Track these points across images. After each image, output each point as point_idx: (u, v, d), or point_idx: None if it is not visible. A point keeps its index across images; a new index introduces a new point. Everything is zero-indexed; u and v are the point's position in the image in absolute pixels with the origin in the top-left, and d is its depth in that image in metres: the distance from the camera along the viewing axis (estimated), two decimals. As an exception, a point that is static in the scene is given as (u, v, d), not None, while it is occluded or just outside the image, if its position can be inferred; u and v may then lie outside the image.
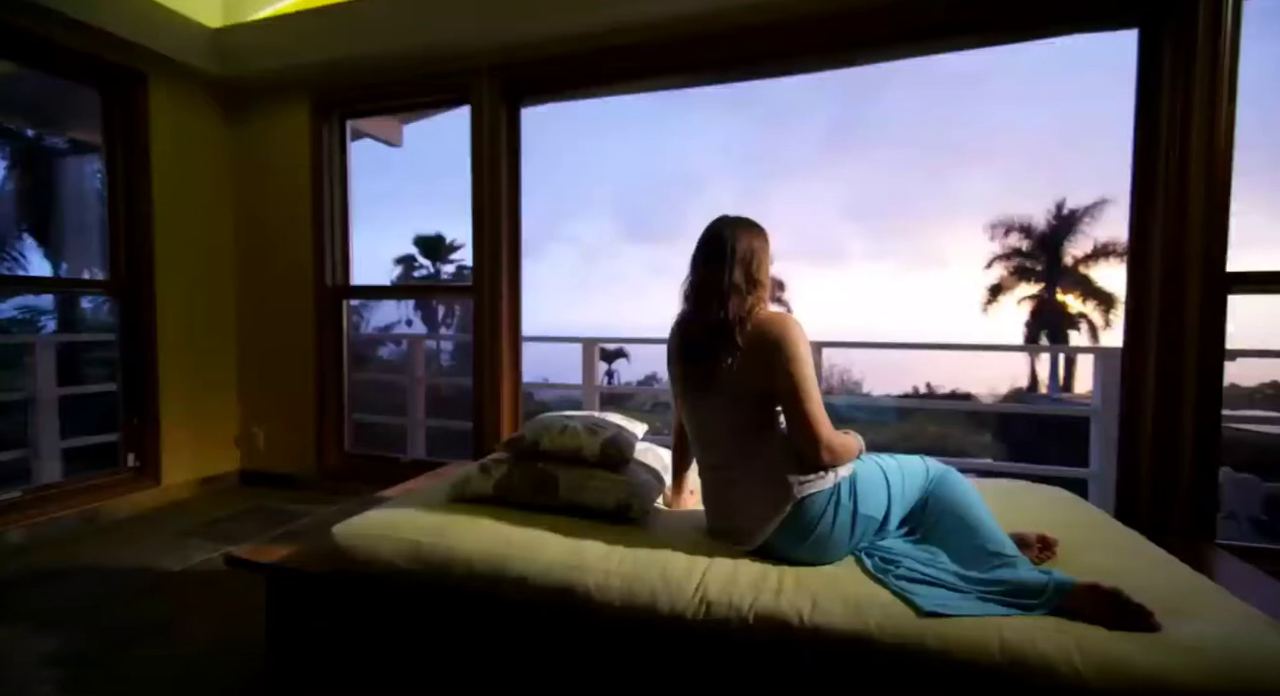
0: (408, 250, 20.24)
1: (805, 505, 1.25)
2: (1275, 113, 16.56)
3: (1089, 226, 18.95)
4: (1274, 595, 1.29)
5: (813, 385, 1.27)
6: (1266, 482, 2.60)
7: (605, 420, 1.74)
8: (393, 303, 19.25)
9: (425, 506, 1.51)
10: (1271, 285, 1.81)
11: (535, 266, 60.29)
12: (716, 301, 1.33)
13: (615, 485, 1.48)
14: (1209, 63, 1.74)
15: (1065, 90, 38.01)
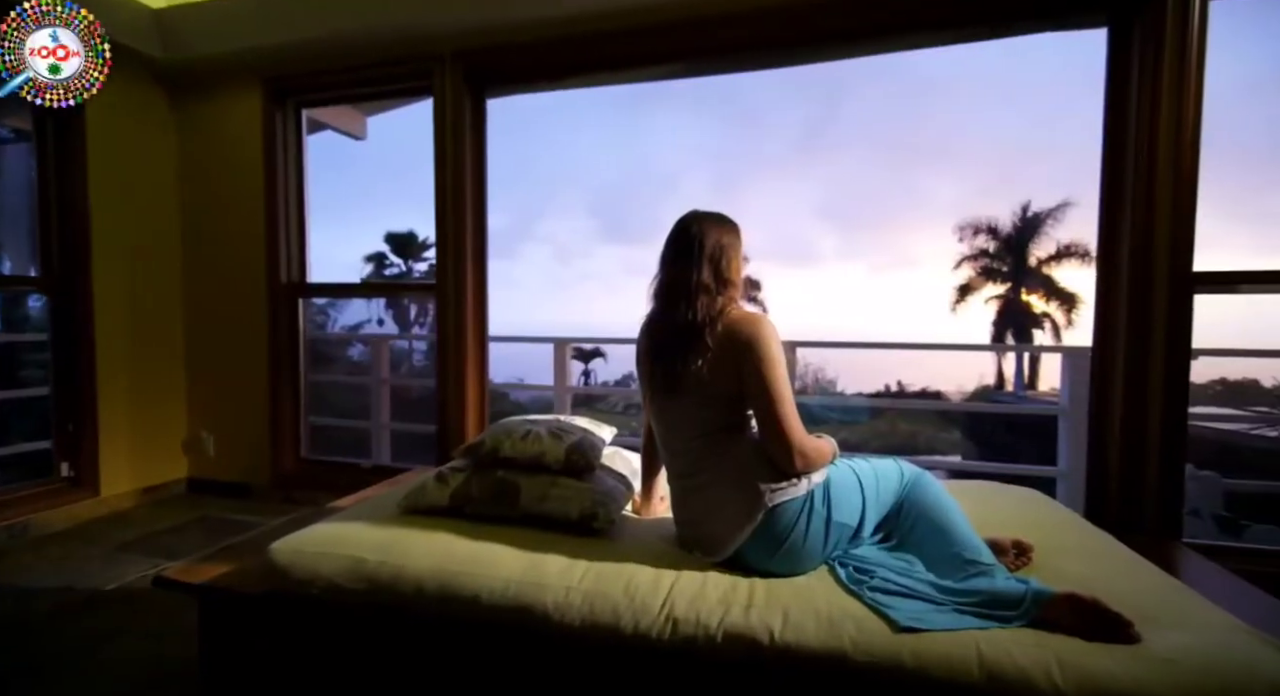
0: (380, 248, 19.81)
1: (777, 513, 1.19)
2: (1225, 118, 17.23)
3: (1052, 228, 19.53)
4: (1245, 597, 1.28)
5: (785, 388, 1.21)
6: (1226, 479, 2.65)
7: (571, 424, 1.66)
8: (362, 301, 18.79)
9: (375, 519, 1.41)
10: (1234, 285, 1.83)
11: (510, 266, 59.71)
12: (685, 301, 1.26)
13: (579, 493, 1.40)
14: (1176, 61, 1.74)
15: (1031, 95, 39.15)
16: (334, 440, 6.56)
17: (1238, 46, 7.79)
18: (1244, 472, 2.89)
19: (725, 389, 1.25)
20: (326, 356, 10.04)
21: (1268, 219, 25.41)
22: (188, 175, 2.97)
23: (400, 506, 1.46)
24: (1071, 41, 22.38)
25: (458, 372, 2.56)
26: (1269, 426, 3.86)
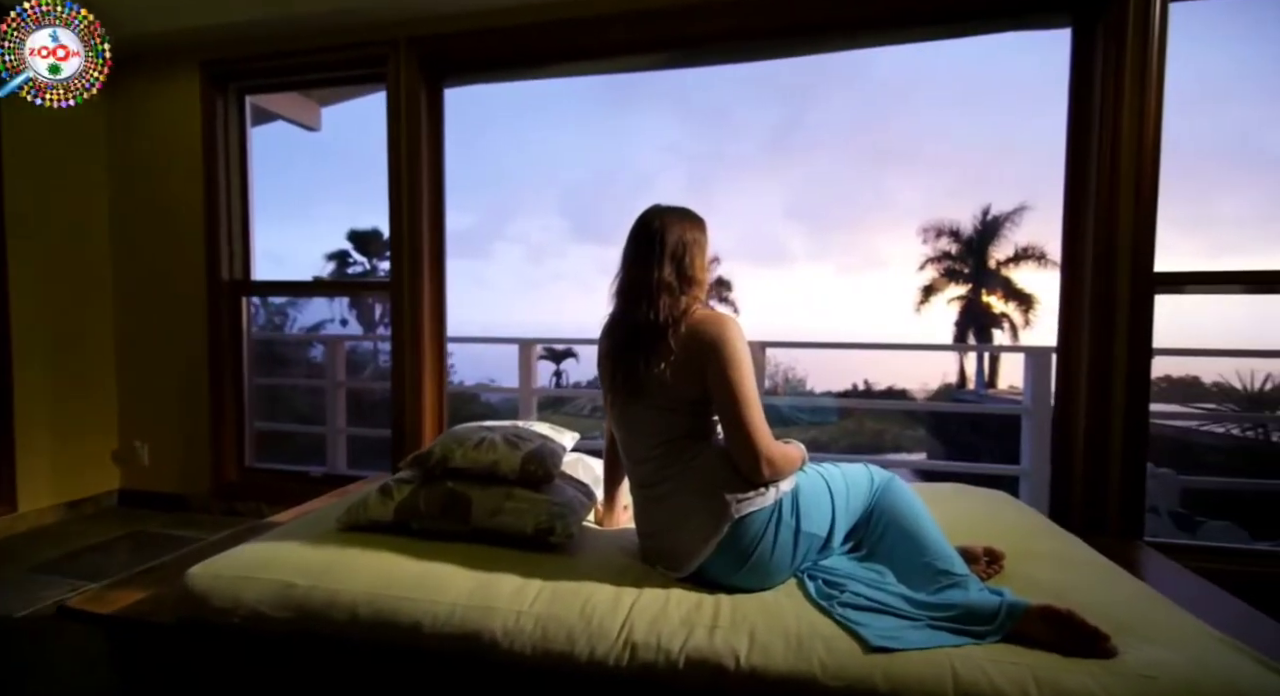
0: (343, 246, 19.20)
1: (744, 525, 1.12)
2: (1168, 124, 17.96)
3: (1010, 231, 20.16)
4: (1211, 599, 1.28)
5: (752, 392, 1.14)
6: (1182, 476, 2.71)
7: (530, 430, 1.57)
8: (324, 301, 18.15)
9: (310, 537, 1.29)
10: (1194, 285, 1.84)
11: (482, 266, 58.85)
12: (646, 300, 1.19)
13: (535, 505, 1.31)
14: (1139, 61, 1.74)
15: (991, 101, 40.43)
16: (289, 446, 6.30)
17: (1181, 54, 8.20)
18: (1196, 469, 2.97)
19: (689, 393, 1.18)
20: (284, 358, 9.65)
21: (1214, 224, 26.77)
22: (119, 164, 2.76)
23: (339, 523, 1.35)
24: (1031, 46, 22.70)
25: (414, 375, 2.43)
26: (1216, 423, 4.01)
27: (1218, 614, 1.11)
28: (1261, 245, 27.84)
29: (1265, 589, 1.68)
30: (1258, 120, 25.74)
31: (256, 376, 2.87)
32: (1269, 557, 1.87)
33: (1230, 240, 26.68)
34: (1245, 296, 1.88)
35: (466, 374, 20.16)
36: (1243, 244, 25.86)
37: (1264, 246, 26.62)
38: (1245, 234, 26.92)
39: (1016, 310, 20.36)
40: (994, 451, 6.69)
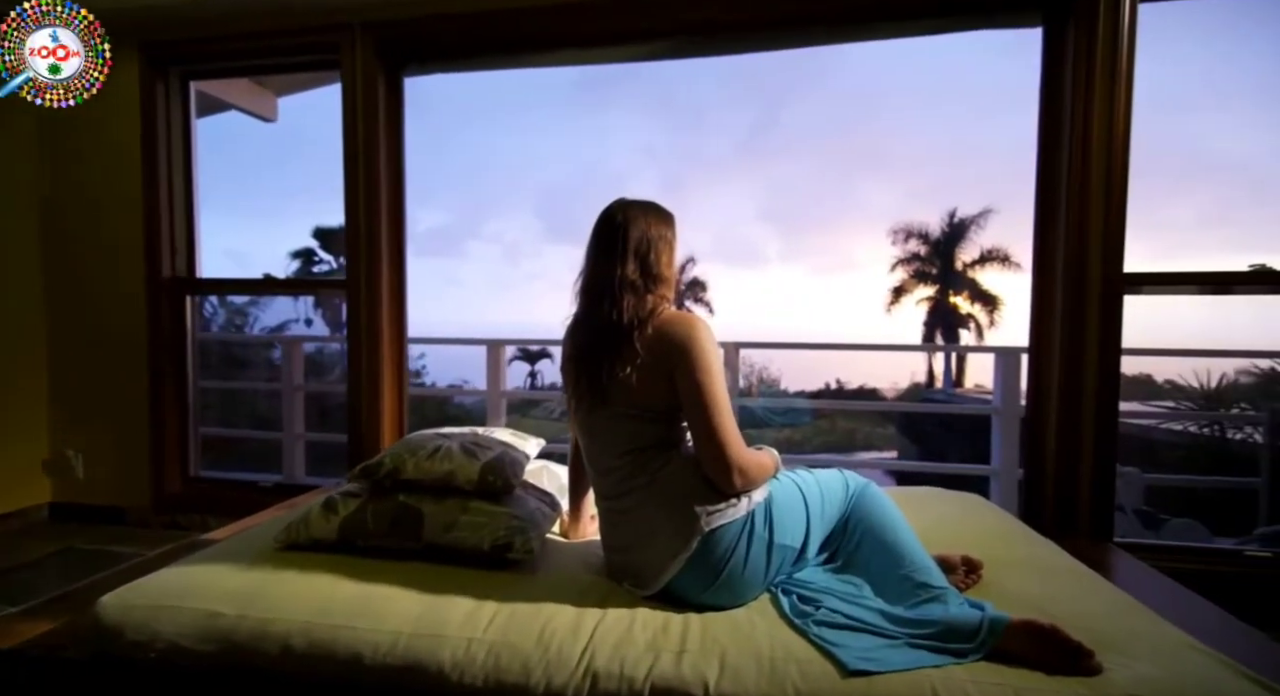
0: (309, 243, 18.62)
1: (714, 539, 1.06)
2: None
3: (976, 233, 20.69)
4: (1186, 604, 1.26)
5: (723, 397, 1.08)
6: (1146, 474, 2.75)
7: (490, 437, 1.48)
8: (288, 300, 17.55)
9: (245, 558, 1.18)
10: (1163, 285, 1.85)
11: (456, 265, 57.93)
12: (609, 299, 1.11)
13: (494, 519, 1.22)
14: (1109, 60, 1.73)
15: (959, 106, 41.50)
16: (247, 453, 6.02)
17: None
18: (1157, 467, 3.04)
19: (656, 399, 1.11)
20: (245, 360, 9.28)
21: (1163, 228, 27.91)
22: (50, 155, 2.57)
23: (278, 542, 1.24)
24: (998, 49, 23.37)
25: (373, 378, 2.31)
26: (1175, 421, 4.12)
27: (1190, 618, 1.10)
28: (1208, 249, 29.14)
29: (1230, 586, 1.69)
30: (1204, 127, 26.99)
31: (214, 379, 2.70)
32: (1232, 556, 1.89)
33: (1178, 244, 27.91)
34: (1196, 297, 1.90)
35: (439, 375, 19.76)
36: (1190, 248, 27.09)
37: (1210, 251, 27.88)
38: (1191, 238, 28.21)
39: (982, 311, 20.93)
40: (963, 449, 6.81)
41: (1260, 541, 2.23)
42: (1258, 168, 27.97)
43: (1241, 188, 28.60)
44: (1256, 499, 2.70)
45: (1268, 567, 1.79)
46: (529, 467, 1.56)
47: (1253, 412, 4.54)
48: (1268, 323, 4.04)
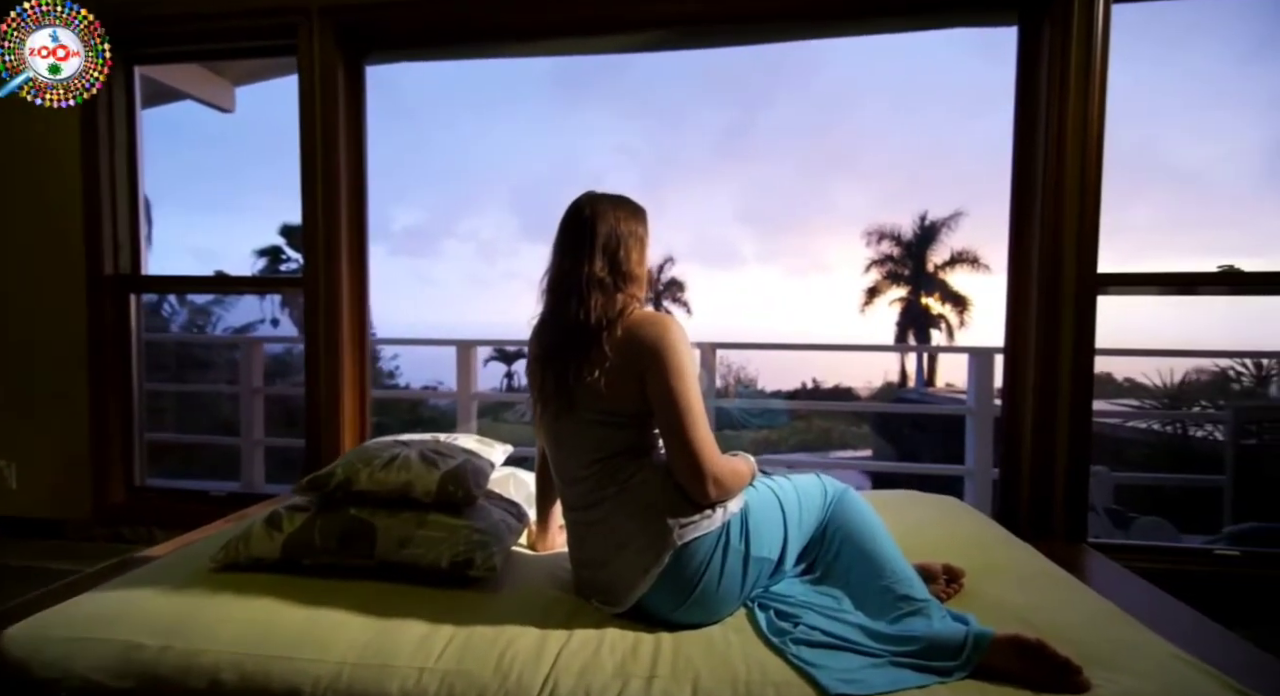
0: (276, 241, 18.07)
1: (687, 553, 1.00)
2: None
3: (947, 236, 21.17)
4: (1164, 608, 1.25)
5: (696, 402, 1.02)
6: (1115, 473, 2.79)
7: (453, 444, 1.40)
8: (254, 299, 17.00)
9: (176, 581, 1.08)
10: (1135, 286, 1.86)
11: (431, 264, 57.07)
12: (575, 298, 1.05)
13: (453, 533, 1.14)
14: (1083, 59, 1.73)
15: (930, 111, 42.41)
16: (209, 460, 5.77)
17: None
18: (1123, 465, 3.09)
19: (626, 404, 1.04)
20: (206, 362, 8.94)
21: (1121, 231, 28.85)
22: (-22, 140, 2.39)
23: (214, 562, 1.14)
24: (970, 52, 23.70)
25: (331, 380, 2.19)
26: (1141, 419, 4.22)
27: (1167, 622, 1.09)
28: (1165, 252, 30.27)
29: (1200, 585, 1.70)
30: (1157, 132, 28.07)
31: (174, 382, 2.54)
32: (1202, 555, 1.91)
33: (1136, 247, 28.95)
34: (1156, 298, 1.91)
35: (413, 377, 19.40)
36: (1147, 251, 28.13)
37: (1167, 254, 28.99)
38: (1148, 241, 29.29)
39: (953, 311, 21.44)
40: (935, 447, 6.90)
41: (1228, 540, 2.27)
42: (1210, 175, 29.19)
43: (1191, 194, 29.82)
44: (1221, 496, 2.75)
45: (1237, 566, 1.81)
46: (495, 475, 1.48)
47: (1212, 410, 4.68)
48: (1220, 322, 4.15)
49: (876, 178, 41.69)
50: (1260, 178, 31.88)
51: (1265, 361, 4.00)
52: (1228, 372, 4.31)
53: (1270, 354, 3.06)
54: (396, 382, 19.66)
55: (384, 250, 54.76)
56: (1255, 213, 29.40)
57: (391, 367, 20.28)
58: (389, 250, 55.17)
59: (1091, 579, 1.37)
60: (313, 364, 2.20)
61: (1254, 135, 28.92)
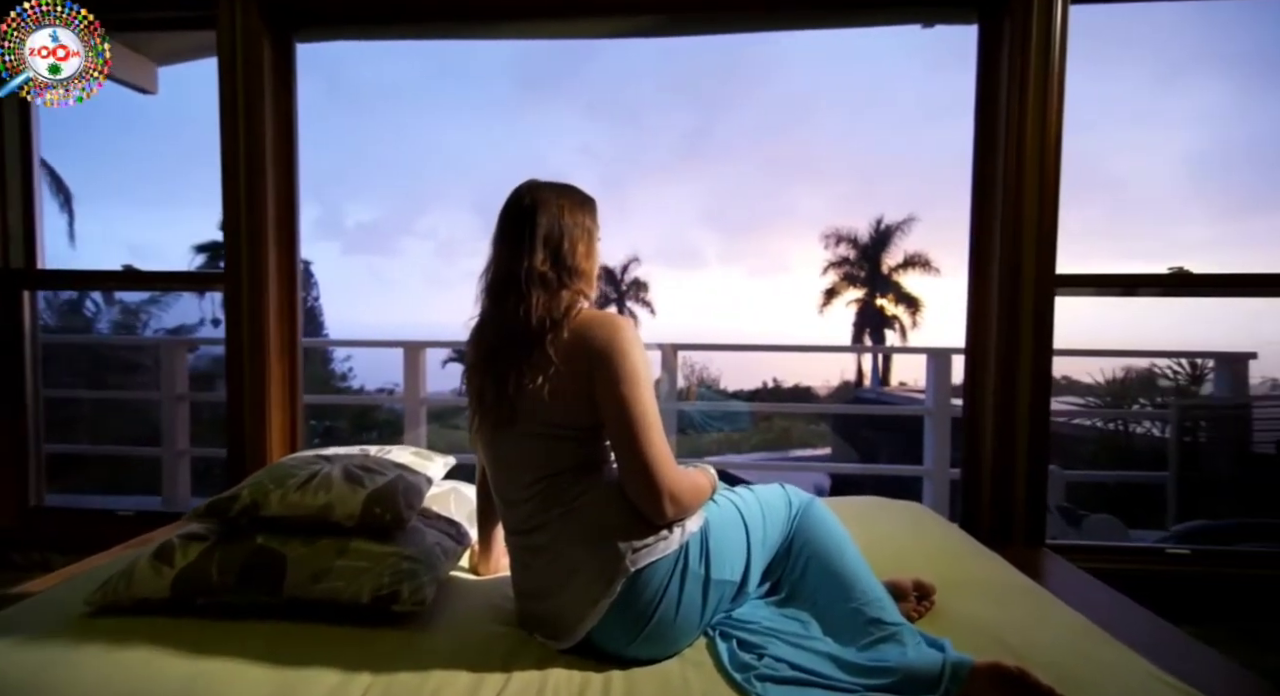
0: (216, 236, 17.09)
1: (641, 580, 0.90)
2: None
3: (900, 239, 21.86)
4: (1122, 612, 1.24)
5: (651, 411, 0.92)
6: (1066, 471, 2.84)
7: (384, 458, 1.26)
8: (194, 298, 16.02)
9: (40, 628, 0.91)
10: (1092, 287, 1.86)
11: (388, 262, 55.33)
12: (515, 296, 0.93)
13: (377, 563, 1.01)
14: (1042, 58, 1.71)
15: (885, 117, 43.77)
16: (138, 474, 5.32)
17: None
18: (1070, 462, 3.18)
19: (573, 415, 0.94)
20: (137, 365, 8.33)
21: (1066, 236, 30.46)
22: None
23: (89, 604, 0.97)
24: (925, 63, 24.59)
25: (256, 386, 2.00)
26: (1086, 417, 4.37)
27: (1128, 626, 1.08)
28: (1102, 258, 32.07)
29: (1153, 584, 1.72)
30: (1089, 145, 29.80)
31: (96, 388, 2.28)
32: (1154, 554, 1.93)
33: (1074, 252, 30.62)
34: (1091, 299, 1.93)
35: (368, 379, 18.77)
36: (1084, 257, 29.80)
37: (1104, 260, 30.72)
38: (1085, 248, 31.01)
39: (906, 312, 22.15)
40: (892, 445, 7.04)
41: (1177, 539, 2.33)
42: (1137, 185, 31.08)
43: (1122, 203, 31.70)
44: (1164, 491, 2.84)
45: (1187, 564, 1.83)
46: (433, 492, 1.35)
47: (1150, 409, 4.91)
48: (1144, 321, 4.32)
49: (834, 182, 42.77)
50: (1181, 188, 34.21)
51: (1199, 361, 4.20)
52: (1161, 371, 4.53)
53: (1209, 354, 3.20)
54: (349, 385, 18.94)
55: (337, 247, 52.88)
56: (1178, 221, 31.52)
57: (344, 370, 19.54)
58: (343, 247, 53.31)
59: (1056, 585, 1.34)
60: (235, 368, 2.00)
61: (1174, 149, 30.99)
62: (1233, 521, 2.39)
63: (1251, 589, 1.77)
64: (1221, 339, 3.88)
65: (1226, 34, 24.35)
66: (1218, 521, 2.52)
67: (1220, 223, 32.02)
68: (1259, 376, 3.35)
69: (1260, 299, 2.08)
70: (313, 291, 23.63)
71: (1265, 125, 29.94)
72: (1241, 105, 31.51)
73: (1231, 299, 2.13)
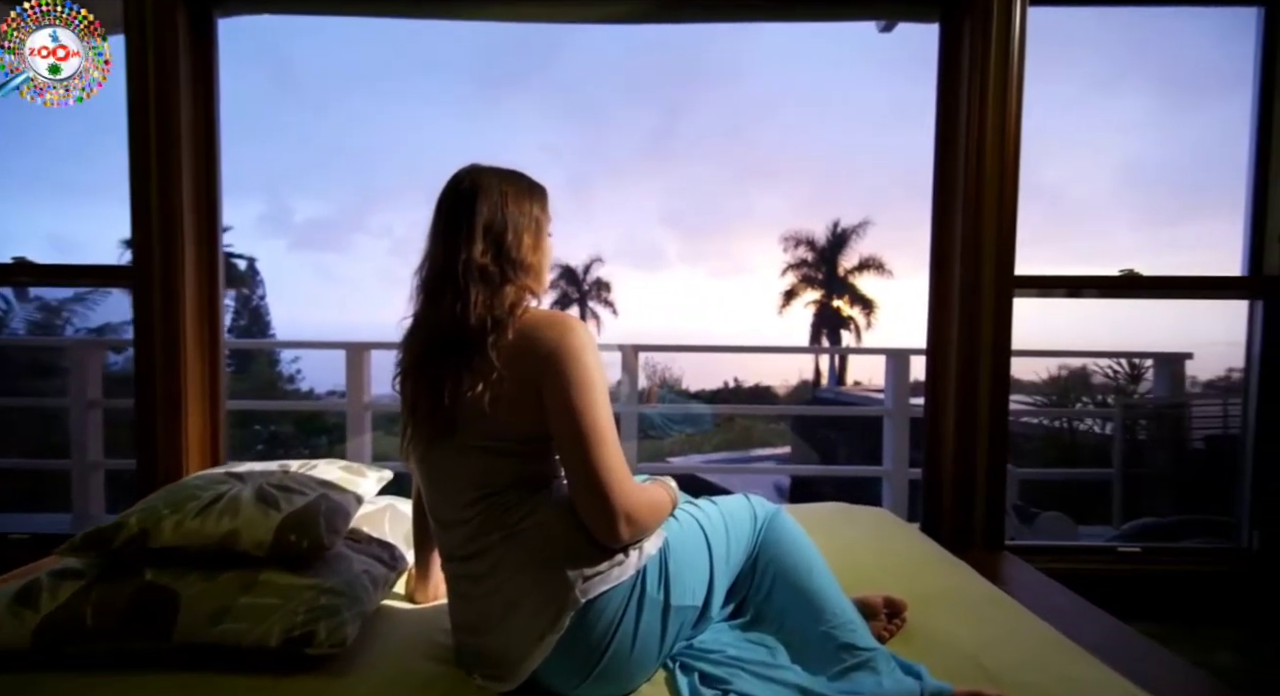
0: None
1: (593, 611, 0.80)
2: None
3: (856, 242, 22.49)
4: (1083, 617, 1.23)
5: (605, 422, 0.82)
6: (1018, 469, 2.89)
7: (307, 475, 1.13)
8: (124, 294, 14.96)
9: None
10: (1049, 288, 1.88)
11: (339, 260, 53.34)
12: (451, 292, 0.83)
13: (289, 598, 0.88)
14: (1002, 58, 1.70)
15: (842, 122, 44.95)
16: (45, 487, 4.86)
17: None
18: (1018, 460, 3.25)
19: (518, 426, 0.84)
20: (49, 369, 7.68)
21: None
22: None
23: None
24: (882, 67, 25.43)
25: (170, 392, 1.80)
26: (1034, 416, 4.51)
27: (1093, 632, 1.07)
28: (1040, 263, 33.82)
29: (1107, 582, 1.75)
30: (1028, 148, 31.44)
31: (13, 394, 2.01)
32: (1105, 553, 1.96)
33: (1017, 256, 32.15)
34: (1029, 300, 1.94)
35: (317, 382, 18.05)
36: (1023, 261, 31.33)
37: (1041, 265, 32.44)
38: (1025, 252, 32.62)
39: (861, 314, 22.80)
40: (850, 444, 7.15)
41: (1126, 537, 2.38)
42: (1072, 190, 32.86)
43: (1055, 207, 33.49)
44: (1109, 488, 2.93)
45: (1139, 562, 1.86)
46: (366, 510, 1.22)
47: (1092, 407, 5.12)
48: (1090, 323, 4.48)
49: (793, 185, 43.64)
50: (1109, 195, 36.43)
51: (1137, 361, 4.40)
52: (1101, 370, 4.74)
53: (1150, 354, 3.34)
54: (298, 388, 18.12)
55: (284, 244, 50.69)
56: (1106, 224, 33.56)
57: (292, 371, 18.69)
58: (290, 244, 51.16)
59: (1020, 591, 1.33)
60: (145, 372, 1.80)
61: (1105, 157, 32.98)
62: (1173, 519, 2.48)
63: (1197, 585, 1.81)
64: (1158, 340, 4.07)
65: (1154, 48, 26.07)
66: (1164, 519, 2.60)
67: (1147, 229, 34.27)
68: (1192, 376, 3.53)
69: (1195, 301, 2.15)
70: (258, 290, 22.55)
71: (1190, 137, 32.29)
72: (1169, 117, 33.83)
73: (1168, 301, 2.19)
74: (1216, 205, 29.74)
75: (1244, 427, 1.95)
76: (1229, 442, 3.00)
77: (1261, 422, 1.90)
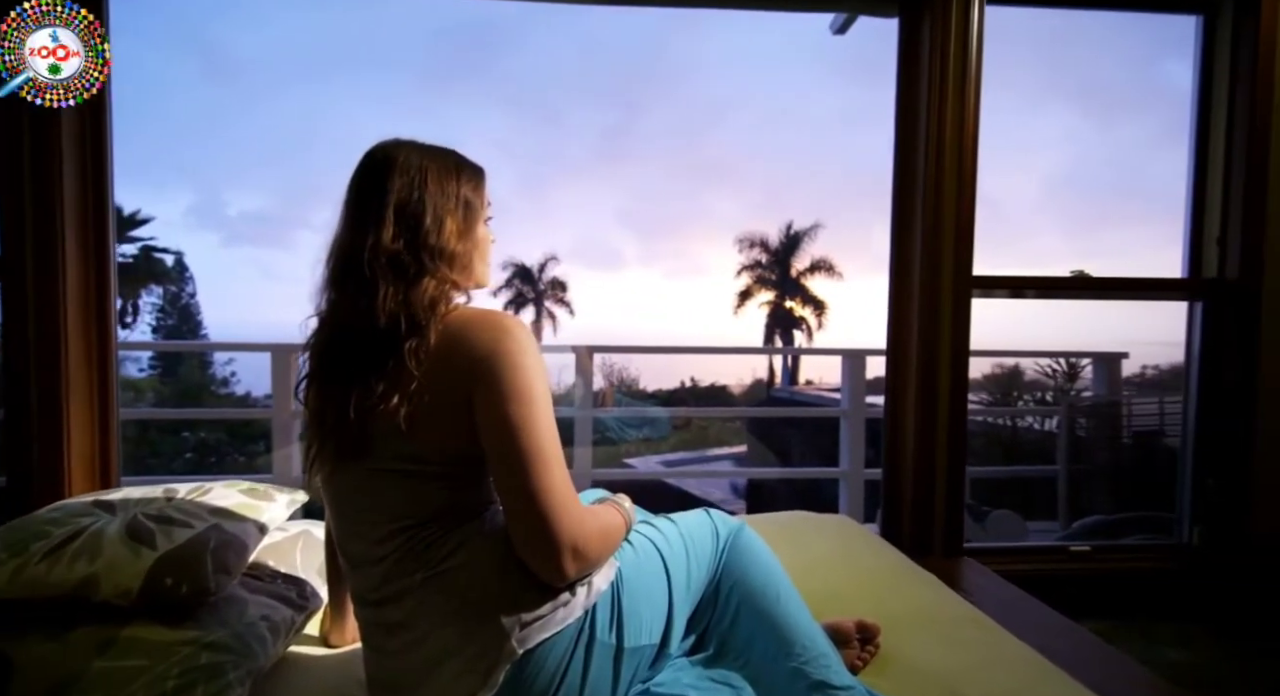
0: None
1: (533, 662, 0.68)
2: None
3: (808, 245, 23.05)
4: (1045, 623, 1.22)
5: (549, 438, 0.70)
6: (970, 468, 2.93)
7: (197, 502, 0.96)
8: None
9: None
10: (1006, 289, 1.87)
11: (280, 256, 50.70)
12: (355, 286, 0.69)
13: (161, 657, 0.72)
14: (960, 55, 1.68)
15: (796, 125, 45.96)
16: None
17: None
18: (969, 457, 3.33)
19: (442, 445, 0.70)
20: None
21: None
22: None
23: None
24: (835, 74, 26.03)
25: (49, 401, 1.56)
26: (980, 414, 4.66)
27: (1064, 647, 1.04)
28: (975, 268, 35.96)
29: (1060, 582, 1.75)
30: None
31: None
32: (1058, 553, 1.97)
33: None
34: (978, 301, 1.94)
35: (254, 384, 17.10)
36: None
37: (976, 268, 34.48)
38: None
39: (812, 314, 23.37)
40: (804, 443, 7.25)
41: (1075, 535, 2.44)
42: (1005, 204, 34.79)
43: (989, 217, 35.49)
44: (1054, 485, 3.01)
45: (1091, 561, 1.88)
46: (275, 539, 1.05)
47: (1034, 405, 5.34)
48: (1028, 322, 4.65)
49: (747, 187, 44.32)
50: (1036, 206, 38.82)
51: (1075, 360, 4.60)
52: (1041, 369, 4.96)
53: (1089, 353, 3.48)
54: (232, 391, 17.09)
55: (217, 239, 47.79)
56: (1034, 232, 35.74)
57: (225, 374, 17.69)
58: (224, 239, 48.28)
59: (982, 598, 1.30)
60: (17, 379, 1.55)
61: (1032, 172, 35.11)
62: (1118, 516, 2.55)
63: (1144, 582, 1.84)
64: (1090, 339, 4.26)
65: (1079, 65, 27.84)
66: (1110, 516, 2.68)
67: (1071, 237, 36.72)
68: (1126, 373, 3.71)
69: (1129, 302, 2.21)
70: (187, 287, 21.14)
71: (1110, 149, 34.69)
72: (1094, 130, 36.26)
73: (1104, 302, 2.24)
74: (1141, 214, 31.95)
75: (1184, 425, 2.00)
76: (1161, 439, 3.15)
77: (1200, 421, 1.95)
